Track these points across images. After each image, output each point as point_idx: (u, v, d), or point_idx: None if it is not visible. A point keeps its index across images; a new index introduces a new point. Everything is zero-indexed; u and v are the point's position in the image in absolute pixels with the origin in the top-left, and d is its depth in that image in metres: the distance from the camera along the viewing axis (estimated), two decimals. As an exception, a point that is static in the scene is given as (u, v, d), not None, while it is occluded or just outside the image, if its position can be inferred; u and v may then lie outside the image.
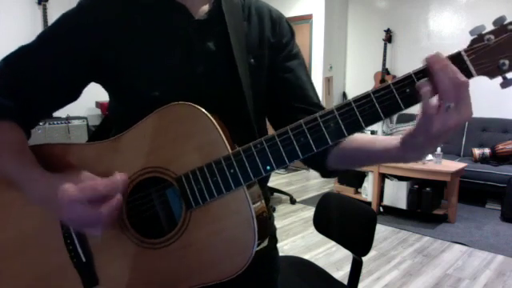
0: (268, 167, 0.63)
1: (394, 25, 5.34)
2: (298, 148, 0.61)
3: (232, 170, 0.64)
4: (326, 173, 0.81)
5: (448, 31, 4.88)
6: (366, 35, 5.69)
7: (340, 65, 5.91)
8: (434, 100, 0.53)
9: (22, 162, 0.69)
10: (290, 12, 5.64)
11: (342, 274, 2.62)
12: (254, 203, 0.66)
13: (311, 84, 0.85)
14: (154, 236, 0.69)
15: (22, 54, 0.73)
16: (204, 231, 0.66)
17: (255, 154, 0.63)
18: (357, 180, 4.11)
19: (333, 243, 2.28)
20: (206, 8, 0.76)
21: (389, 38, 5.33)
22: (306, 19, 5.58)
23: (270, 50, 0.81)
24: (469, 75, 0.54)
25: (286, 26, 0.85)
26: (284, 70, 0.83)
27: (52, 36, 0.74)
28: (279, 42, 0.83)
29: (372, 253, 2.98)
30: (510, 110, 4.40)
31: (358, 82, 5.85)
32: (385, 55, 5.32)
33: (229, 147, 0.65)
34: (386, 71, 5.35)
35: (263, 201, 0.70)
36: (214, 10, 0.76)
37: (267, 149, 0.62)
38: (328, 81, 5.66)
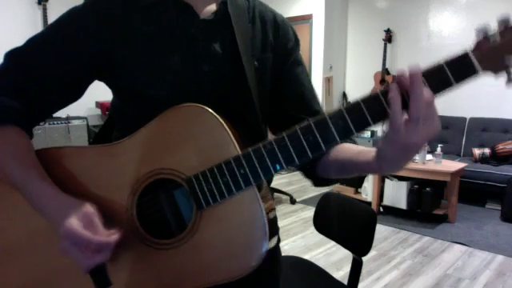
0: (278, 166, 0.63)
1: (394, 25, 5.34)
2: (307, 147, 0.61)
3: (242, 171, 0.64)
4: (317, 181, 0.82)
5: (448, 31, 4.87)
6: (366, 35, 5.69)
7: (340, 65, 5.91)
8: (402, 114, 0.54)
9: (28, 170, 0.70)
10: (290, 12, 5.64)
11: (342, 274, 2.62)
12: (263, 202, 0.66)
13: (313, 91, 0.86)
14: (165, 237, 0.69)
15: (27, 51, 0.73)
16: (215, 231, 0.67)
17: (265, 154, 0.63)
18: (357, 180, 4.11)
19: (333, 243, 2.28)
20: (212, 8, 0.76)
21: (389, 38, 5.32)
22: (306, 19, 5.58)
23: (274, 54, 0.81)
24: (474, 72, 0.55)
25: (291, 32, 0.85)
26: (288, 77, 0.83)
27: (58, 34, 0.74)
28: (284, 48, 0.83)
29: (372, 253, 2.98)
30: (510, 110, 4.39)
31: (357, 81, 5.85)
32: (385, 55, 5.32)
33: (238, 147, 0.65)
34: (386, 71, 5.35)
35: (271, 199, 0.71)
36: (220, 10, 0.76)
37: (277, 149, 0.63)
38: (328, 81, 5.66)
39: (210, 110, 0.66)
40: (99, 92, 0.83)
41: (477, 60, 0.54)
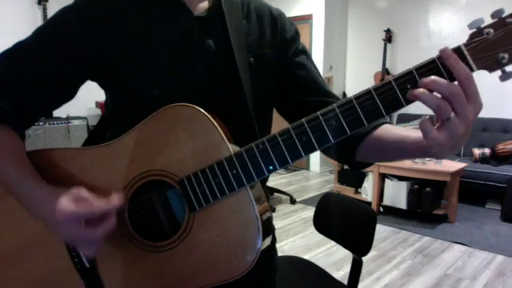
0: (271, 167, 0.62)
1: (394, 25, 5.33)
2: (300, 147, 0.61)
3: (234, 171, 0.63)
4: (354, 165, 0.80)
5: (448, 31, 4.87)
6: (365, 35, 5.69)
7: (340, 65, 5.90)
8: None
9: (20, 172, 0.69)
10: (290, 12, 5.63)
11: (342, 274, 2.62)
12: (257, 203, 0.65)
13: (321, 76, 0.85)
14: (158, 239, 0.69)
15: (18, 52, 0.72)
16: (208, 233, 0.66)
17: (257, 154, 0.62)
18: (357, 180, 4.11)
19: (333, 243, 2.28)
20: (205, 5, 0.76)
21: (389, 38, 5.32)
22: (306, 19, 5.58)
23: (274, 48, 0.81)
24: (469, 68, 0.54)
25: (288, 23, 0.84)
26: (295, 67, 0.82)
27: (48, 33, 0.73)
28: (283, 40, 0.82)
29: (372, 253, 2.98)
30: (510, 110, 4.39)
31: (357, 82, 5.85)
32: (385, 55, 5.32)
33: (230, 148, 0.64)
34: (386, 71, 5.34)
35: (266, 200, 0.70)
36: (213, 7, 0.75)
37: (269, 148, 0.62)
38: (328, 81, 5.66)
39: (202, 110, 0.65)
40: (99, 92, 0.82)
41: (471, 57, 0.53)
